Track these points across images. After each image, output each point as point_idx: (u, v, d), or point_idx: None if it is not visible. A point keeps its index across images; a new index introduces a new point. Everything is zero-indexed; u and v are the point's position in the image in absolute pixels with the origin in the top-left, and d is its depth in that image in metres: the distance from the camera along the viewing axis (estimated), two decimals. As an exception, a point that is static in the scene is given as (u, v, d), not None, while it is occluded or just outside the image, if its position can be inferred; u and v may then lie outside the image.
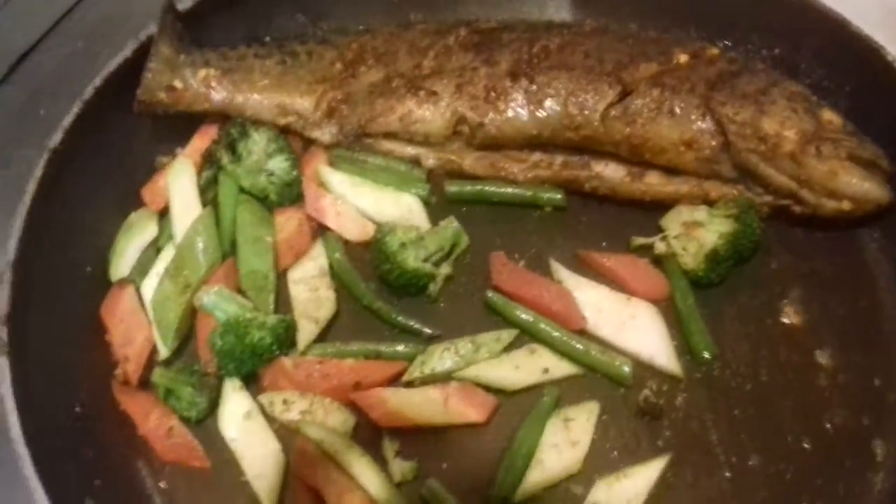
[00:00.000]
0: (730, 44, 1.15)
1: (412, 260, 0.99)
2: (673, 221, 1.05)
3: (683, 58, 1.07)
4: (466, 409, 0.93)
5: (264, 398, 0.95)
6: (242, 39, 1.13)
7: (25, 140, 1.03)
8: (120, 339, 0.97)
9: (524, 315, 0.99)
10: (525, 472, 0.90)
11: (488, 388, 0.95)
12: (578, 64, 1.06)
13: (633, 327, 0.99)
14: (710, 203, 1.04)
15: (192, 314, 0.99)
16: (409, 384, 0.96)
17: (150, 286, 1.00)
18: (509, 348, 0.98)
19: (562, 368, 0.96)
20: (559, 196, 1.07)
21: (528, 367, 0.96)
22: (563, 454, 0.91)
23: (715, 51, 1.09)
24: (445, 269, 1.03)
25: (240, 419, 0.93)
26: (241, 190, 1.07)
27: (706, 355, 0.98)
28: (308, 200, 1.06)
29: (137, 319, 0.98)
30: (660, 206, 1.06)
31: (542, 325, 0.98)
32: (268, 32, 1.16)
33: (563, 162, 1.08)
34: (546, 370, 0.96)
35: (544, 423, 0.92)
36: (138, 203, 1.08)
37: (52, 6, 1.26)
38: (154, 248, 1.05)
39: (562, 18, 1.22)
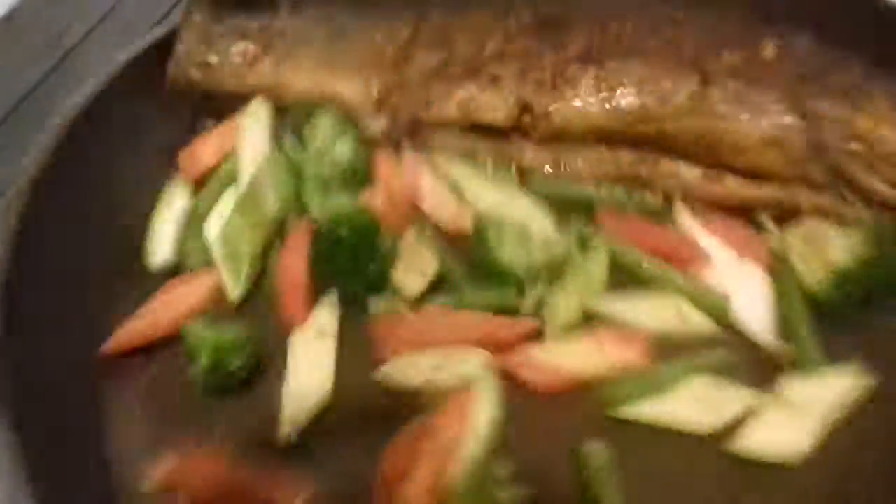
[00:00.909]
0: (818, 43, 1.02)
1: (509, 256, 0.87)
2: (793, 235, 0.92)
3: (769, 49, 0.96)
4: (626, 351, 0.82)
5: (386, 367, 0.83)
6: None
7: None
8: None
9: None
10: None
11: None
12: (654, 50, 0.96)
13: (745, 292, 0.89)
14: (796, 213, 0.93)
15: (263, 255, 0.91)
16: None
17: (213, 226, 0.93)
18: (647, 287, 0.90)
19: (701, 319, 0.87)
20: (654, 199, 0.98)
21: (667, 309, 0.87)
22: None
23: (804, 43, 0.99)
24: (542, 289, 0.87)
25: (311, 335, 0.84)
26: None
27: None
28: (406, 172, 0.96)
29: None
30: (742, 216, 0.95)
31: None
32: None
33: (633, 159, 0.98)
34: (684, 315, 0.87)
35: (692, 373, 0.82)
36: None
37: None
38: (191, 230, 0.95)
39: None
